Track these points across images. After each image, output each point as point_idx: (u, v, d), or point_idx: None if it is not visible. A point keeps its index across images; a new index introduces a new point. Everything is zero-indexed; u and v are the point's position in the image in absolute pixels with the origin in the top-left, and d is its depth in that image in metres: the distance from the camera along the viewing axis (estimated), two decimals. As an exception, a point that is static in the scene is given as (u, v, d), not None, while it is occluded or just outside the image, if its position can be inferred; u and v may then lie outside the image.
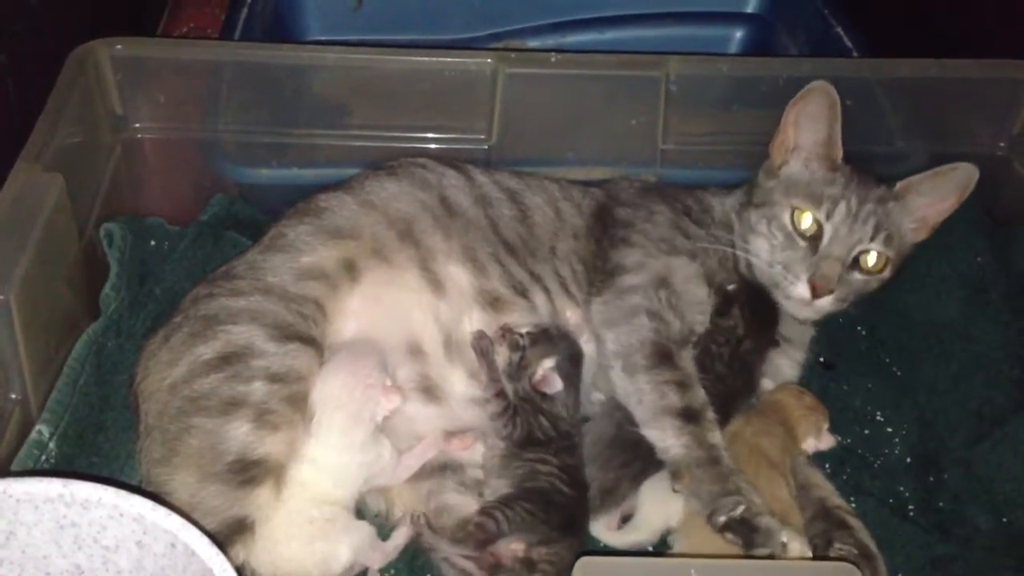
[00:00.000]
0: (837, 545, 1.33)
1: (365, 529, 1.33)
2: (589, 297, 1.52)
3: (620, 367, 1.43)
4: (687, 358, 1.43)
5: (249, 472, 1.24)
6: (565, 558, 1.27)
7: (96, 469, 1.36)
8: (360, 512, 1.38)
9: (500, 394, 1.42)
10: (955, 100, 1.74)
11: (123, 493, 1.00)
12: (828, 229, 1.46)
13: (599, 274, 1.54)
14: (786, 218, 1.49)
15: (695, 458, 1.34)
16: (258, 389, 1.28)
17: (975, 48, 1.84)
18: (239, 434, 1.25)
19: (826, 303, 1.46)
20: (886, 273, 1.50)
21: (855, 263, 1.47)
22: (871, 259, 1.47)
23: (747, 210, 1.56)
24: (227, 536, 1.19)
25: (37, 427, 1.33)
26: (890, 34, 2.13)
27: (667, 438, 1.36)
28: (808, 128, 1.51)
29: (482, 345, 1.45)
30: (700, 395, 1.39)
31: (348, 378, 1.33)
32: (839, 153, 1.51)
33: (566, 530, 1.32)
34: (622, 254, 1.53)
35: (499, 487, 1.36)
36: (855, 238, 1.46)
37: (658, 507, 1.37)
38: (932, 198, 1.51)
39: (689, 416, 1.37)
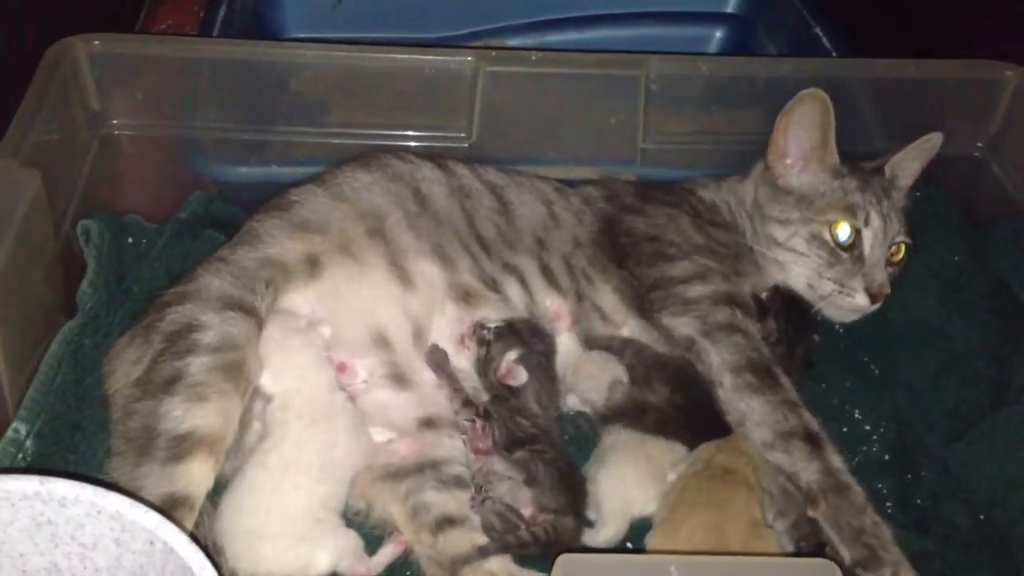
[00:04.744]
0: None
1: (352, 538, 1.31)
2: (642, 314, 1.52)
3: (729, 385, 1.42)
4: (784, 375, 1.43)
5: (177, 447, 1.21)
6: (562, 535, 1.29)
7: (73, 467, 1.35)
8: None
9: (467, 403, 1.40)
10: (933, 100, 1.75)
11: (100, 490, 0.99)
12: (867, 235, 1.52)
13: (644, 290, 1.53)
14: (827, 234, 1.53)
15: (830, 485, 1.33)
16: (192, 362, 1.26)
17: (953, 49, 1.85)
18: (170, 410, 1.23)
19: (879, 304, 1.53)
20: (905, 258, 1.58)
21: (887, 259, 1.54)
22: (901, 250, 1.56)
23: (766, 224, 1.58)
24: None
25: (13, 425, 1.32)
26: (869, 34, 2.14)
27: (797, 463, 1.35)
28: (804, 136, 1.54)
29: (436, 359, 1.44)
30: (812, 417, 1.39)
31: (300, 342, 1.36)
32: (835, 158, 1.54)
33: (575, 511, 1.32)
34: (664, 268, 1.54)
35: (506, 484, 1.33)
36: (889, 237, 1.53)
37: (617, 496, 1.36)
38: (912, 170, 1.63)
39: (812, 439, 1.36)
